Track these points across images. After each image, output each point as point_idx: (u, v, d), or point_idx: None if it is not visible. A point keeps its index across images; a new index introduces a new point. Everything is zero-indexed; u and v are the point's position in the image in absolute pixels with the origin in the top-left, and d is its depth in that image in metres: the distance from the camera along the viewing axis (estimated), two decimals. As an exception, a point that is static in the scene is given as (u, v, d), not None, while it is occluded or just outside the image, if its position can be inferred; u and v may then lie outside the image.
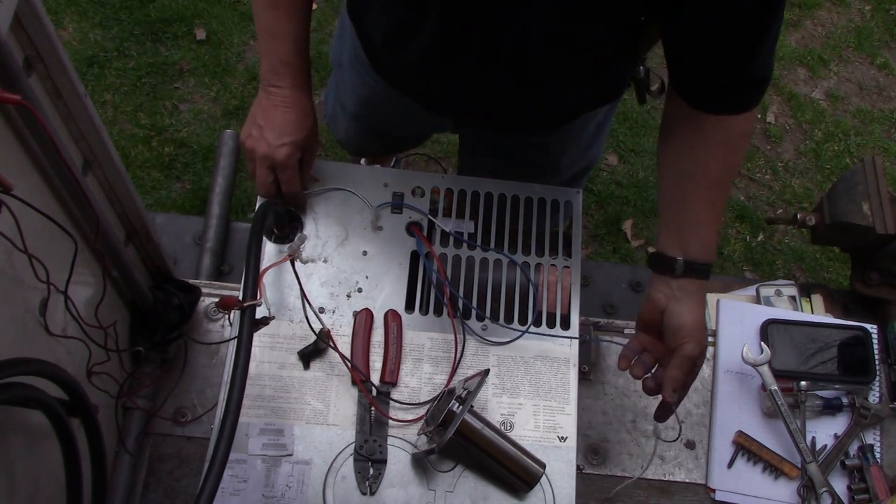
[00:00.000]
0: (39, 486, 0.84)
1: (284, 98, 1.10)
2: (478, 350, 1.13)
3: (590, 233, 2.56)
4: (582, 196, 1.25)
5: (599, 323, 1.28)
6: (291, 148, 1.10)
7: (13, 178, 0.70)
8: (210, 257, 1.56)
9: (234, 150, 1.73)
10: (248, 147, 1.12)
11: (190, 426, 1.15)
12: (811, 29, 3.09)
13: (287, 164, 1.11)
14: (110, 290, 1.02)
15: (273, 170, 1.12)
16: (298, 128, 1.11)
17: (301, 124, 1.11)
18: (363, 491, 1.04)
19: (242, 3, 2.79)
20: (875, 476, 1.20)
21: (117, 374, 1.07)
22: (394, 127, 1.48)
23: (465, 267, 1.18)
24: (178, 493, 1.12)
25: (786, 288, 1.52)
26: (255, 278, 0.92)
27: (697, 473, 1.21)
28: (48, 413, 0.77)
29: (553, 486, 1.06)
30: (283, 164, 1.10)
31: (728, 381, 1.26)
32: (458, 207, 1.22)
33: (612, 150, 2.73)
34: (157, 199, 2.42)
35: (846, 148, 2.83)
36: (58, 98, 0.85)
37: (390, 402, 1.09)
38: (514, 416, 1.10)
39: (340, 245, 1.18)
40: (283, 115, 1.10)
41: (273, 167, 1.11)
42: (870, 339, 1.30)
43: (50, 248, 0.82)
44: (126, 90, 2.59)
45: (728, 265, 2.57)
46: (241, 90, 2.63)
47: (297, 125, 1.11)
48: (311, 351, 1.10)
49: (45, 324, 0.85)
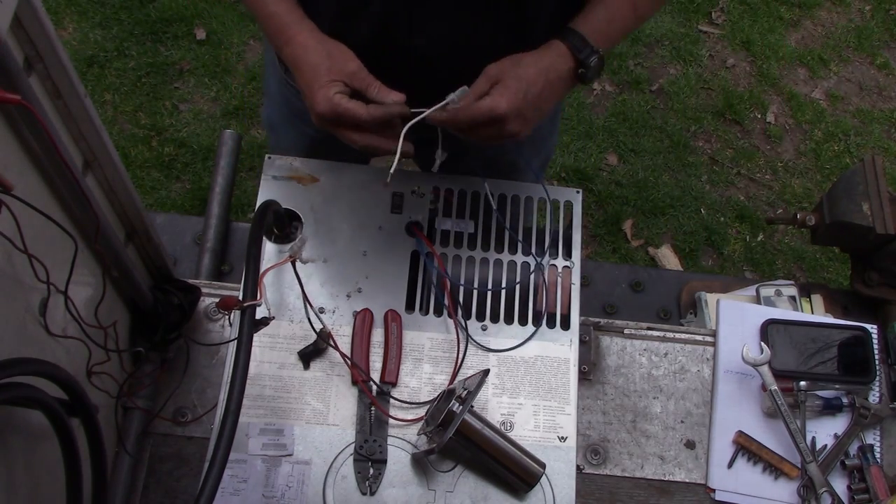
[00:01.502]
0: (39, 486, 0.84)
1: (290, 56, 1.01)
2: (478, 350, 1.13)
3: (590, 233, 2.56)
4: (582, 196, 1.25)
5: (599, 323, 1.28)
6: (319, 91, 0.97)
7: (13, 178, 0.70)
8: (210, 257, 1.56)
9: (233, 150, 1.73)
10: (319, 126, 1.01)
11: (190, 426, 1.15)
12: (811, 29, 3.09)
13: (329, 112, 0.97)
14: (110, 290, 1.02)
15: (334, 127, 0.99)
16: (316, 67, 0.98)
17: (317, 62, 0.99)
18: (363, 491, 1.04)
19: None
20: (875, 476, 1.20)
21: (117, 374, 1.07)
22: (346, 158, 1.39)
23: (465, 267, 1.18)
24: (178, 493, 1.12)
25: (786, 288, 1.52)
26: (255, 278, 0.92)
27: (697, 473, 1.21)
28: (48, 413, 0.77)
29: (553, 486, 1.06)
30: (325, 114, 0.97)
31: (728, 381, 1.26)
32: (458, 207, 1.22)
33: (612, 150, 2.73)
34: (157, 199, 2.42)
35: (846, 148, 2.83)
36: (58, 98, 0.85)
37: (391, 402, 1.09)
38: (514, 416, 1.10)
39: (340, 245, 1.18)
40: (300, 70, 1.00)
41: (331, 123, 0.99)
42: (870, 339, 1.30)
43: (50, 248, 0.82)
44: (126, 90, 2.59)
45: (728, 265, 2.57)
46: (241, 90, 2.63)
47: (315, 66, 0.99)
48: (311, 351, 1.10)
49: (45, 324, 0.85)
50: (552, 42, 1.04)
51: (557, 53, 1.03)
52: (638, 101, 2.82)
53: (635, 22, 1.10)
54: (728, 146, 2.80)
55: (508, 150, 1.35)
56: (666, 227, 2.60)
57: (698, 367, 1.28)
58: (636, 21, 1.10)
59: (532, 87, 1.00)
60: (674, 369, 1.27)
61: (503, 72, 1.00)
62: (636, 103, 2.81)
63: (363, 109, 0.97)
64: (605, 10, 1.06)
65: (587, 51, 1.03)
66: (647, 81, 2.88)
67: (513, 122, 1.00)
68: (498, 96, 0.98)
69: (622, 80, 2.88)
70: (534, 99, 1.00)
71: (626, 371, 1.26)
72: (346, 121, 0.97)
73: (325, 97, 0.96)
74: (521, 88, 0.99)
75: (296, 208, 1.18)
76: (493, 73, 1.00)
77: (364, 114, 0.97)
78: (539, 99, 1.01)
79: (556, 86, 1.04)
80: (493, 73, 1.00)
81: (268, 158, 1.22)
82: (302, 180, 1.21)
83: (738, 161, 2.77)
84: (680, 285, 1.66)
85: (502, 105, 0.97)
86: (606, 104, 2.82)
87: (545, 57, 1.03)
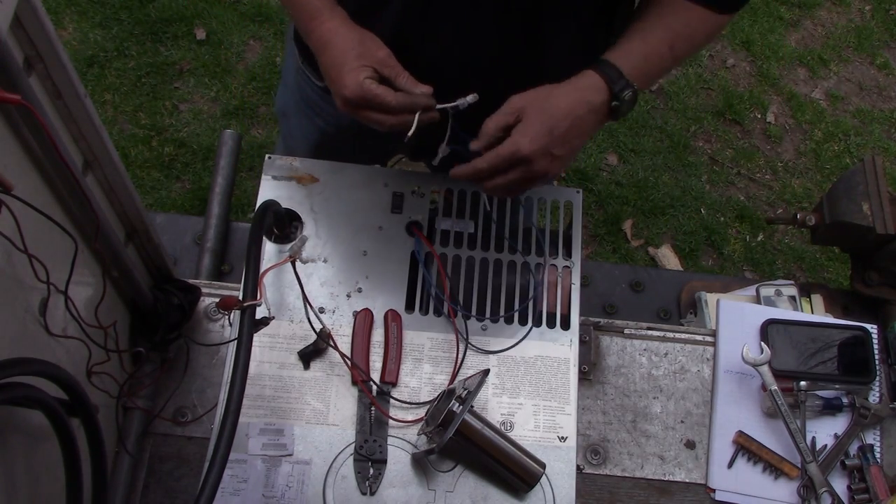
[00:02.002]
0: (39, 486, 0.84)
1: (319, 41, 1.00)
2: (478, 350, 1.13)
3: (590, 233, 2.56)
4: (582, 196, 1.25)
5: (599, 323, 1.28)
6: (349, 75, 0.96)
7: (13, 178, 0.70)
8: (210, 257, 1.56)
9: (233, 150, 1.73)
10: (342, 109, 0.99)
11: (190, 426, 1.15)
12: (811, 29, 3.09)
13: (359, 95, 0.96)
14: (110, 290, 1.02)
15: (361, 109, 0.98)
16: (347, 52, 0.98)
17: (348, 48, 0.98)
18: (363, 491, 1.04)
19: (242, 3, 2.79)
20: (875, 476, 1.20)
21: (117, 374, 1.07)
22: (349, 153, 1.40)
23: (465, 267, 1.18)
24: (178, 493, 1.12)
25: (786, 288, 1.52)
26: (255, 278, 0.92)
27: (697, 473, 1.21)
28: (48, 413, 0.77)
29: (553, 486, 1.06)
30: (354, 98, 0.96)
31: (728, 381, 1.26)
32: (458, 207, 1.22)
33: (612, 150, 2.73)
34: (157, 199, 2.42)
35: (846, 148, 2.83)
36: (58, 98, 0.85)
37: (391, 402, 1.09)
38: (514, 416, 1.10)
39: (340, 245, 1.18)
40: (328, 54, 0.99)
41: (357, 106, 0.97)
42: (870, 339, 1.30)
43: (50, 248, 0.82)
44: (126, 90, 2.59)
45: (728, 265, 2.57)
46: (241, 90, 2.63)
47: (345, 51, 0.98)
48: (311, 351, 1.10)
49: (45, 324, 0.85)
50: (586, 72, 0.99)
51: (591, 85, 0.98)
52: (638, 101, 2.82)
53: (672, 62, 1.05)
54: (728, 146, 2.80)
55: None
56: (666, 227, 2.60)
57: (698, 367, 1.28)
58: (672, 61, 1.05)
59: (561, 123, 0.95)
60: (674, 369, 1.27)
61: (528, 106, 0.96)
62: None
63: (392, 95, 0.96)
64: (643, 45, 1.02)
65: (622, 83, 0.98)
66: (647, 81, 2.87)
67: (539, 162, 0.95)
68: (520, 136, 0.94)
69: (622, 80, 2.88)
70: (561, 135, 0.95)
71: (626, 371, 1.26)
72: (373, 105, 0.96)
73: (356, 80, 0.95)
74: (546, 125, 0.94)
75: (296, 208, 1.18)
76: (517, 105, 0.96)
77: (392, 100, 0.96)
78: (568, 134, 0.96)
79: (587, 120, 0.98)
80: (517, 106, 0.96)
81: (268, 158, 1.22)
82: (302, 180, 1.21)
83: (738, 161, 2.77)
84: (680, 285, 1.66)
85: (525, 145, 0.94)
86: (606, 104, 2.81)
87: (577, 89, 0.98)
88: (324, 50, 1.00)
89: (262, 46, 2.71)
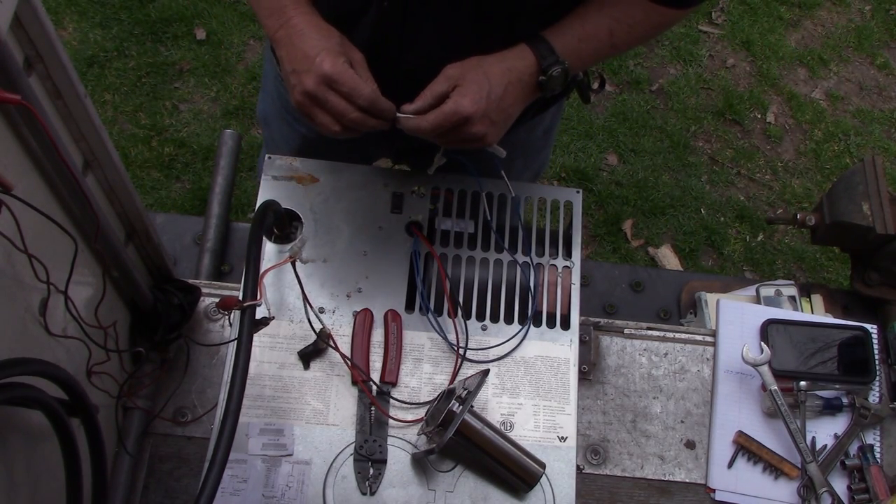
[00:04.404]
0: (39, 486, 0.84)
1: (292, 30, 0.99)
2: (478, 350, 1.13)
3: (590, 233, 2.56)
4: (582, 196, 1.25)
5: (599, 323, 1.28)
6: (329, 55, 0.94)
7: (13, 178, 0.70)
8: (210, 257, 1.56)
9: (233, 150, 1.73)
10: (297, 100, 0.98)
11: (190, 426, 1.15)
12: (811, 29, 3.09)
13: (337, 73, 0.94)
14: (110, 290, 1.02)
15: (331, 91, 0.95)
16: (325, 39, 0.97)
17: (326, 36, 0.98)
18: (363, 491, 1.04)
19: (242, 3, 2.79)
20: (875, 476, 1.20)
21: (117, 374, 1.07)
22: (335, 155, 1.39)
23: (465, 267, 1.18)
24: (178, 493, 1.12)
25: (786, 288, 1.52)
26: (255, 278, 0.92)
27: (697, 473, 1.21)
28: (48, 413, 0.77)
29: (553, 486, 1.06)
30: (332, 74, 0.94)
31: (728, 381, 1.26)
32: (458, 207, 1.22)
33: (611, 150, 2.73)
34: (157, 199, 2.42)
35: (846, 148, 2.83)
36: (58, 98, 0.85)
37: (390, 401, 1.09)
38: (514, 416, 1.10)
39: (340, 245, 1.18)
40: (302, 42, 0.97)
41: (329, 86, 0.95)
42: (870, 339, 1.30)
43: (50, 248, 0.82)
44: (126, 90, 2.59)
45: (728, 265, 2.57)
46: (241, 90, 2.63)
47: (322, 39, 0.97)
48: (311, 351, 1.10)
49: (45, 324, 0.85)
50: (519, 45, 1.03)
51: (521, 56, 1.02)
52: (638, 101, 2.82)
53: (610, 49, 1.08)
54: (728, 146, 2.80)
55: (498, 164, 1.34)
56: (666, 227, 2.60)
57: (698, 367, 1.28)
58: (611, 48, 1.08)
59: (495, 87, 0.98)
60: (674, 369, 1.27)
61: (464, 73, 0.98)
62: (636, 103, 2.81)
63: (366, 86, 0.96)
64: (580, 27, 1.05)
65: (551, 59, 1.02)
66: (647, 81, 2.88)
67: (478, 124, 0.98)
68: (460, 97, 0.96)
69: (622, 80, 2.88)
70: (497, 99, 0.99)
71: (626, 371, 1.26)
72: (343, 88, 0.95)
73: (335, 61, 0.94)
74: (484, 88, 0.97)
75: (296, 208, 1.18)
76: (453, 73, 0.99)
77: (367, 90, 0.95)
78: (503, 100, 1.00)
79: (518, 88, 1.02)
80: (453, 74, 0.98)
81: (268, 158, 1.22)
82: (302, 180, 1.21)
83: (738, 161, 2.77)
84: (680, 285, 1.66)
85: (465, 105, 0.96)
86: (606, 104, 2.82)
87: (508, 58, 1.01)
88: (300, 37, 0.98)
89: (262, 46, 2.71)
